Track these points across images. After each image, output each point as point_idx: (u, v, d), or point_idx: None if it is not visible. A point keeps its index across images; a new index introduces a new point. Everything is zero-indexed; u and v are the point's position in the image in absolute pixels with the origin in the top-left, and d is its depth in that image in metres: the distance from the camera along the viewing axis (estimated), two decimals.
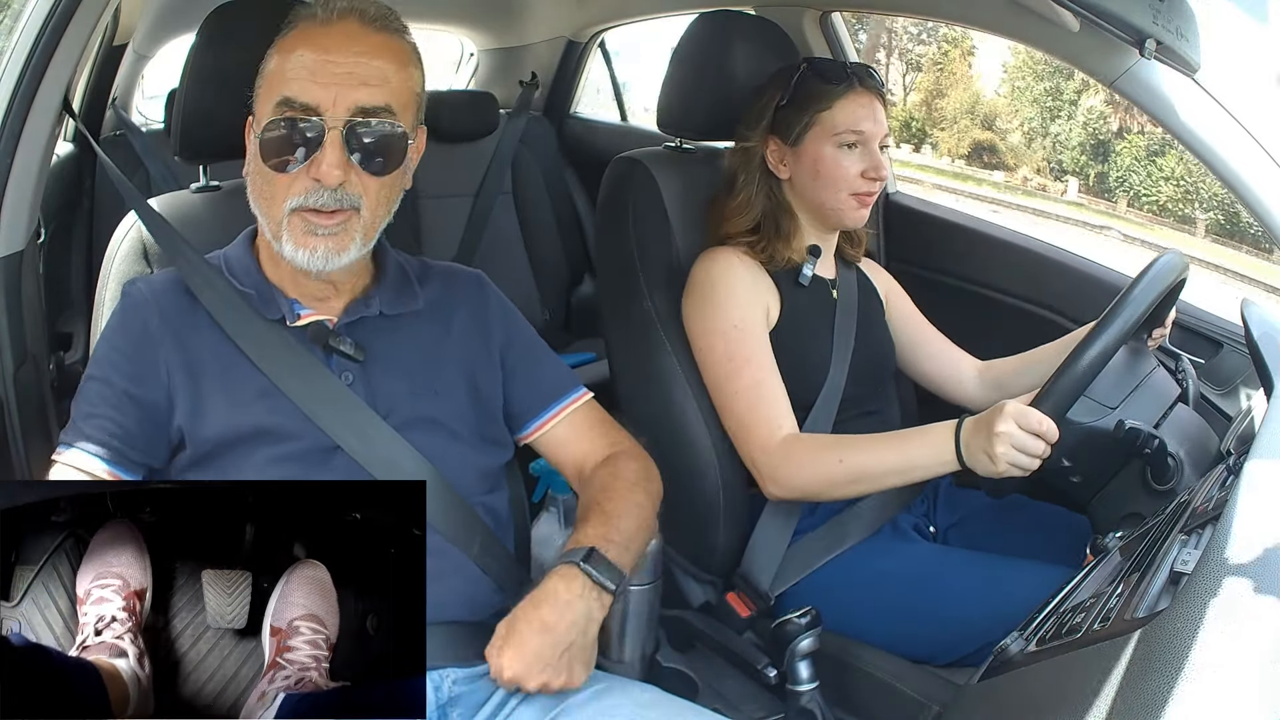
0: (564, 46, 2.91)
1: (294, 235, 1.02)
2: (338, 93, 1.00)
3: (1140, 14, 1.15)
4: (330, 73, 1.00)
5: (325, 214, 1.02)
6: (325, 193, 1.01)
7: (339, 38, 1.02)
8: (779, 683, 1.29)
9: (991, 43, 10.60)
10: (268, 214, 1.04)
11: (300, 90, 1.00)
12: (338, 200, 1.02)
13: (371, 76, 1.02)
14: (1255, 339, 1.24)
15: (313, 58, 1.01)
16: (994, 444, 1.18)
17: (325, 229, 1.02)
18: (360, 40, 1.02)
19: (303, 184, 1.01)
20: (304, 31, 1.03)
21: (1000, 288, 1.86)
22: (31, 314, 1.25)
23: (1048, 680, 0.84)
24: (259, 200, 1.06)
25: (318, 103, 1.00)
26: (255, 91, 1.06)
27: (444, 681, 1.04)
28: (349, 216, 1.03)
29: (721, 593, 1.45)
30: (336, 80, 1.00)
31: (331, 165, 1.00)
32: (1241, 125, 1.27)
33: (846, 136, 1.43)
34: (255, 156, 1.04)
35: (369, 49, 1.02)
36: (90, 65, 2.57)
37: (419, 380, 1.11)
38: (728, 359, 1.41)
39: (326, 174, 1.00)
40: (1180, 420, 1.35)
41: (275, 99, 1.01)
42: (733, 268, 1.44)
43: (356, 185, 1.02)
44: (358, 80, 1.01)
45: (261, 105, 1.04)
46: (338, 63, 1.00)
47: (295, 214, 1.02)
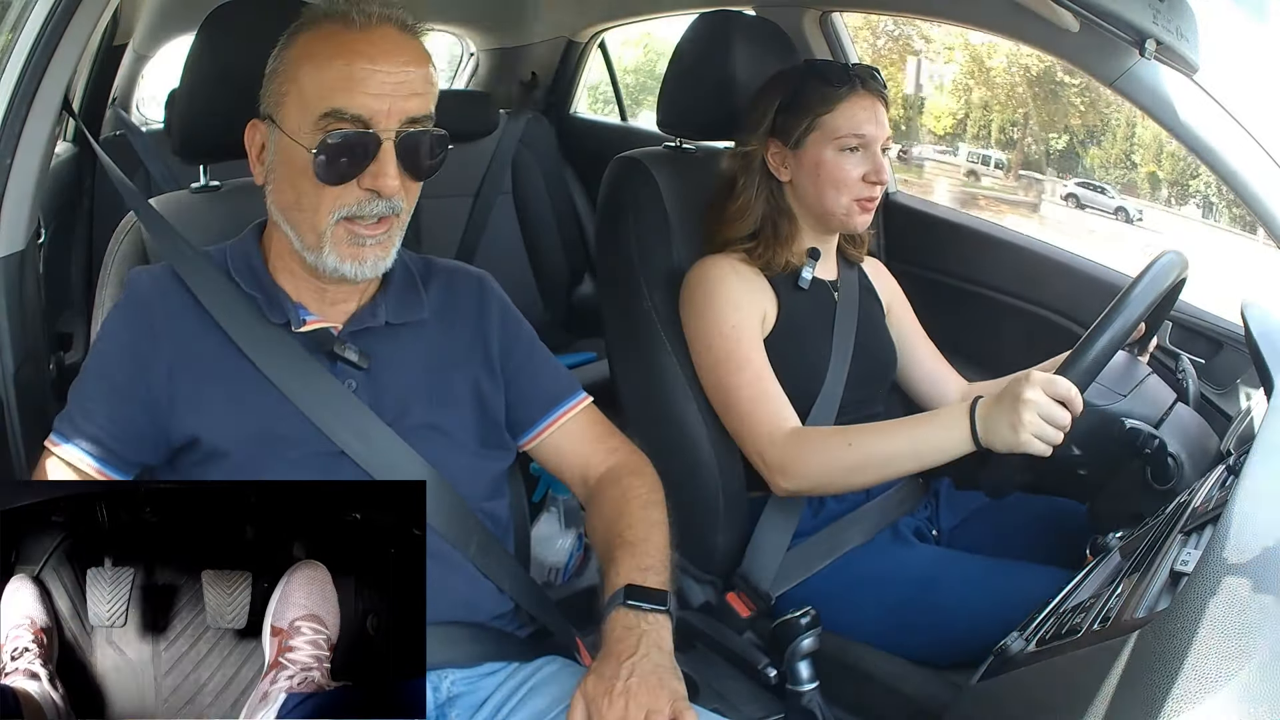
0: (564, 46, 2.91)
1: (339, 247, 1.02)
2: (391, 104, 0.99)
3: (1140, 14, 1.15)
4: (381, 83, 0.99)
5: (371, 225, 1.02)
6: (380, 203, 1.01)
7: (382, 46, 1.00)
8: (779, 683, 1.29)
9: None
10: (308, 225, 1.03)
11: (349, 101, 0.98)
12: (388, 208, 1.02)
13: (418, 85, 1.01)
14: (1255, 339, 1.24)
15: (360, 67, 0.99)
16: (1021, 411, 1.15)
17: (373, 239, 1.02)
18: (404, 48, 1.01)
19: (354, 195, 1.01)
20: (338, 38, 1.00)
21: (1000, 288, 1.86)
22: (31, 314, 1.25)
23: (1048, 680, 0.84)
24: (292, 210, 1.04)
25: (371, 114, 0.99)
26: (275, 96, 1.04)
27: (443, 681, 1.04)
28: (391, 222, 1.04)
29: (721, 593, 1.45)
30: (389, 91, 0.99)
31: (389, 176, 0.99)
32: (1241, 125, 1.27)
33: (848, 140, 1.42)
34: (291, 166, 1.02)
35: (411, 58, 1.02)
36: (90, 65, 2.58)
37: (422, 388, 1.11)
38: (726, 359, 1.40)
39: (386, 186, 0.99)
40: (1180, 420, 1.35)
41: (319, 110, 0.99)
42: (726, 276, 1.44)
43: (402, 190, 1.02)
44: (409, 90, 1.00)
45: (295, 113, 1.01)
46: (388, 73, 0.99)
47: (341, 224, 1.02)
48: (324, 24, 1.02)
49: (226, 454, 1.02)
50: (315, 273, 1.06)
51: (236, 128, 1.08)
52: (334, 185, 1.00)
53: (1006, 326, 1.82)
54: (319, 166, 0.99)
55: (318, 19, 1.03)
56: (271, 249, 1.10)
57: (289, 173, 1.03)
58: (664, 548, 1.09)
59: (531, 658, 1.09)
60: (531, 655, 1.10)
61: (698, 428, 1.45)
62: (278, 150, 1.03)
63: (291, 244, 1.05)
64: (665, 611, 1.01)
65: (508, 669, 1.08)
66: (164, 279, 1.07)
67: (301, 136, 1.00)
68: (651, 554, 1.07)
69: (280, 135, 1.02)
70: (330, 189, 1.00)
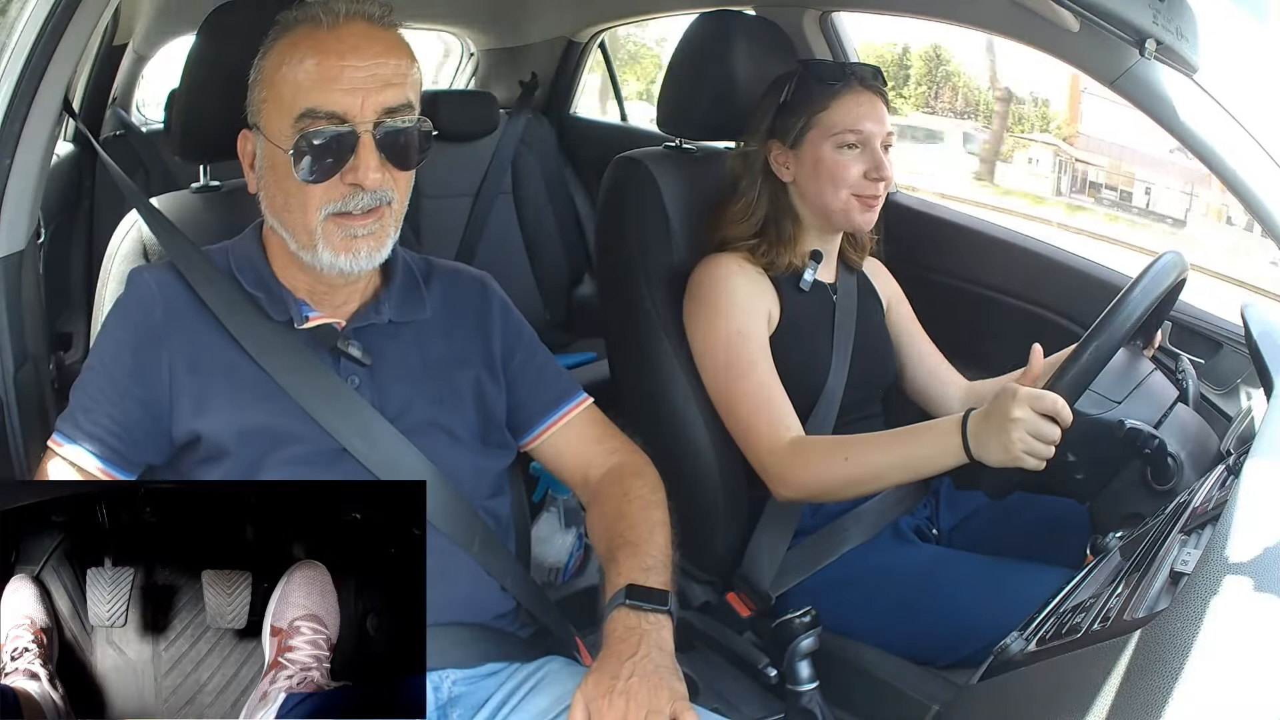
0: (564, 46, 2.91)
1: (332, 243, 1.02)
2: (364, 97, 0.99)
3: (1140, 14, 1.15)
4: (352, 78, 0.99)
5: (361, 216, 1.02)
6: (365, 196, 1.01)
7: (352, 41, 1.00)
8: (779, 683, 1.30)
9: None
10: (298, 225, 1.03)
11: (323, 99, 0.99)
12: (375, 199, 1.02)
13: (392, 76, 1.01)
14: (1255, 339, 1.24)
15: (330, 64, 0.99)
16: (1009, 430, 1.15)
17: (364, 229, 1.02)
18: (374, 41, 1.01)
19: (338, 190, 1.01)
20: (309, 38, 1.01)
21: (1000, 288, 1.86)
22: (31, 314, 1.25)
23: (1048, 680, 0.84)
24: (283, 213, 1.04)
25: (345, 110, 0.99)
26: (255, 104, 1.05)
27: (444, 682, 1.04)
28: (383, 212, 1.04)
29: (721, 593, 1.46)
30: (361, 84, 0.99)
31: (369, 169, 1.00)
32: (1241, 125, 1.27)
33: (846, 136, 1.42)
34: (276, 171, 1.02)
35: (384, 49, 1.02)
36: (90, 65, 2.58)
37: (424, 386, 1.11)
38: (731, 364, 1.40)
39: (366, 178, 1.00)
40: (1180, 420, 1.34)
41: (295, 112, 0.99)
42: (733, 274, 1.44)
43: (388, 180, 1.02)
44: (381, 81, 1.00)
45: (275, 119, 1.02)
46: (358, 66, 0.99)
47: (330, 220, 1.02)
48: (295, 27, 1.03)
49: (228, 452, 1.03)
50: (314, 272, 1.06)
51: (236, 127, 1.08)
52: (317, 184, 1.00)
53: (1007, 326, 1.81)
54: (299, 167, 0.99)
55: (290, 24, 1.04)
56: (276, 248, 1.10)
57: (275, 177, 1.03)
58: (665, 548, 1.09)
59: (532, 658, 1.09)
60: (532, 655, 1.10)
61: (698, 427, 1.45)
62: (264, 156, 1.04)
63: (288, 245, 1.05)
64: (666, 612, 1.01)
65: (508, 669, 1.08)
66: (165, 277, 1.07)
67: (282, 140, 1.01)
68: (653, 554, 1.07)
69: (265, 142, 1.03)
70: (314, 188, 1.01)
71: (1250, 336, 1.26)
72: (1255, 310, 1.32)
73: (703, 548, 1.47)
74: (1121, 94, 1.37)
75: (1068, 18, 1.31)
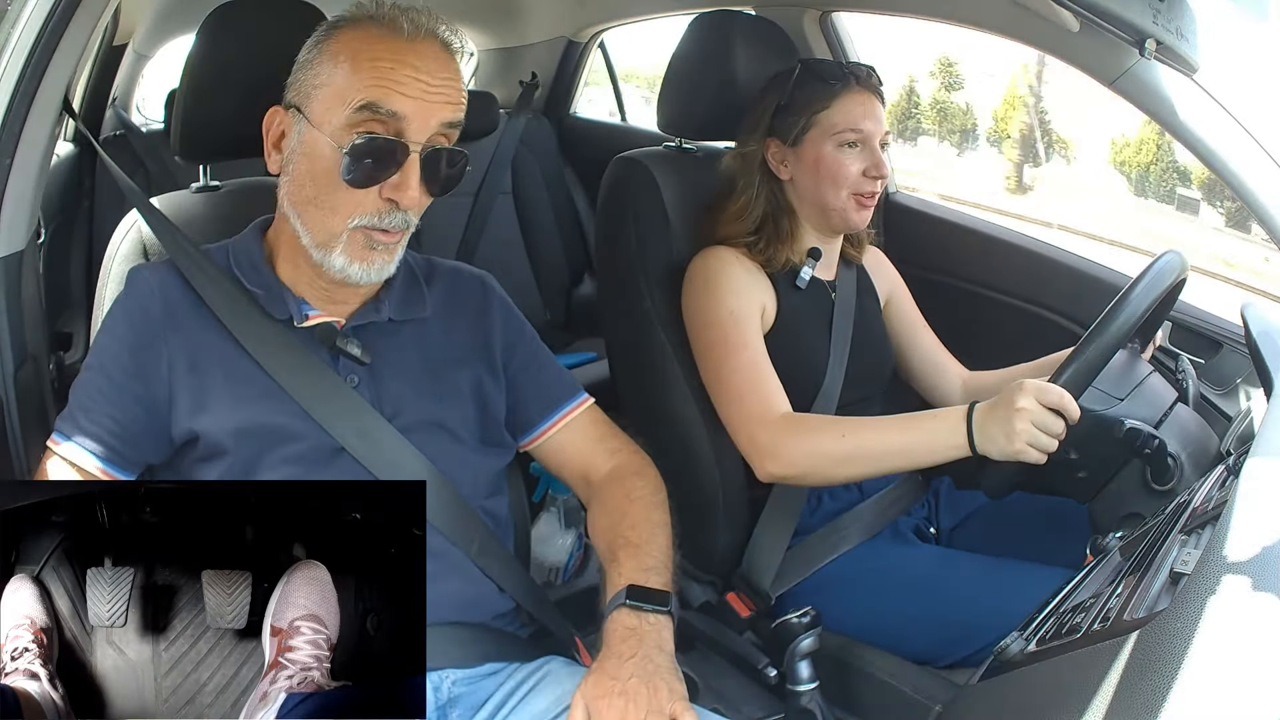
0: (564, 46, 2.91)
1: (351, 251, 1.02)
2: (428, 109, 1.00)
3: (1140, 14, 1.15)
4: (422, 90, 1.00)
5: (387, 233, 1.03)
6: (399, 215, 1.02)
7: (426, 55, 1.01)
8: (779, 683, 1.29)
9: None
10: (320, 223, 1.03)
11: (387, 98, 0.99)
12: (405, 221, 1.03)
13: (454, 95, 1.02)
14: (1255, 339, 1.24)
15: (405, 70, 0.99)
16: (1014, 420, 1.15)
17: (384, 245, 1.03)
18: (446, 65, 1.03)
19: (374, 204, 1.01)
20: (384, 40, 1.00)
21: (1000, 288, 1.86)
22: (31, 314, 1.24)
23: (1048, 680, 0.84)
24: (307, 205, 1.04)
25: (406, 114, 0.99)
26: (305, 88, 1.03)
27: (444, 682, 1.04)
28: (403, 234, 1.05)
29: (721, 593, 1.45)
30: (426, 96, 1.00)
31: (412, 189, 1.00)
32: (1241, 125, 1.27)
33: (846, 135, 1.43)
34: (313, 159, 1.02)
35: (454, 74, 1.03)
36: (90, 65, 2.58)
37: (424, 385, 1.11)
38: (723, 341, 1.40)
39: (407, 198, 1.01)
40: (1180, 420, 1.34)
41: (355, 103, 0.99)
42: (729, 264, 1.44)
43: (423, 203, 1.04)
44: (444, 99, 1.01)
45: (327, 105, 1.01)
46: (429, 82, 1.00)
47: (359, 230, 1.02)
48: (369, 25, 1.02)
49: (226, 450, 1.03)
50: (320, 270, 1.06)
51: (236, 128, 1.08)
52: (356, 188, 1.00)
53: (1007, 326, 1.82)
54: (345, 166, 0.99)
55: (362, 20, 1.03)
56: (277, 244, 1.10)
57: (310, 167, 1.02)
58: (666, 549, 1.09)
59: (532, 658, 1.09)
60: (532, 655, 1.10)
61: (697, 427, 1.45)
62: (302, 142, 1.03)
63: (299, 239, 1.05)
64: (667, 612, 1.01)
65: (508, 669, 1.08)
66: (165, 276, 1.07)
67: (328, 128, 1.00)
68: (654, 554, 1.07)
69: (307, 127, 1.02)
70: (352, 192, 1.00)
71: (1250, 336, 1.26)
72: (1255, 310, 1.32)
73: (703, 548, 1.47)
74: (1121, 94, 1.38)
75: (1068, 18, 1.31)
